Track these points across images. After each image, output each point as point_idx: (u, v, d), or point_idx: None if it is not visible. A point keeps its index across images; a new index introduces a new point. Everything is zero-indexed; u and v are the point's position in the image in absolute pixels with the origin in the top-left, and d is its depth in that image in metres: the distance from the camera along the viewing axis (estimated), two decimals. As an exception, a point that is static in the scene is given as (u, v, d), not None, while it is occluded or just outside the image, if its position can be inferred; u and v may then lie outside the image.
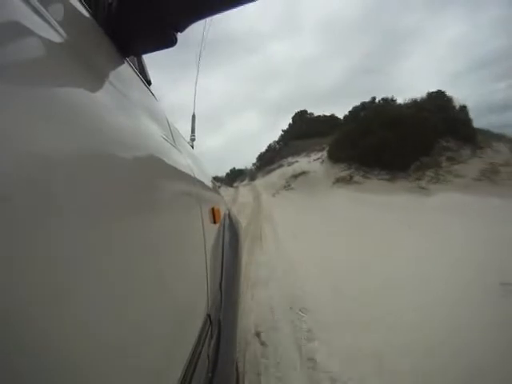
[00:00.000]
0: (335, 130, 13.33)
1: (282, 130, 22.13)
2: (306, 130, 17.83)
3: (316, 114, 21.46)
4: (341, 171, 9.89)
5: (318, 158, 12.08)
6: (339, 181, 9.26)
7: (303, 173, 10.93)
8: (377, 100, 13.76)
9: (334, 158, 10.89)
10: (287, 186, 10.54)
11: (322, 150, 12.70)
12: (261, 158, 21.57)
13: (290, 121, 22.49)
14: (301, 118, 21.59)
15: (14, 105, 0.16)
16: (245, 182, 18.03)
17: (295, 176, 11.01)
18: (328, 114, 20.26)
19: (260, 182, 14.19)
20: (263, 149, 22.88)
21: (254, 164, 22.18)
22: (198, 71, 1.57)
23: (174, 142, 0.62)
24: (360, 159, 9.63)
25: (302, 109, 22.69)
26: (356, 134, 10.23)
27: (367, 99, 14.26)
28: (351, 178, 9.25)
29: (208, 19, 0.43)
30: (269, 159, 17.82)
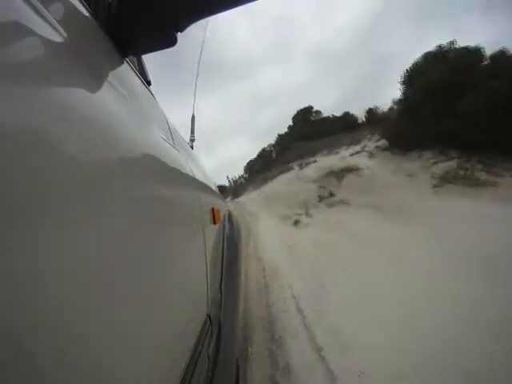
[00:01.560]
0: (353, 129, 9.97)
1: (279, 134, 17.18)
2: (311, 131, 14.06)
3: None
4: (431, 164, 5.15)
5: (360, 151, 7.72)
6: (449, 180, 4.62)
7: (351, 170, 6.05)
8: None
9: (403, 142, 5.95)
10: (326, 198, 5.26)
11: (357, 142, 8.57)
12: (251, 166, 16.64)
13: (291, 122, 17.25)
14: (305, 117, 16.86)
15: (14, 104, 0.16)
16: (226, 200, 9.61)
17: (335, 175, 6.06)
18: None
19: (253, 195, 8.57)
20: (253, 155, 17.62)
21: (241, 176, 16.58)
22: (197, 72, 1.57)
23: (174, 142, 0.62)
24: (465, 140, 4.84)
25: (305, 106, 17.29)
26: (444, 93, 5.14)
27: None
28: (466, 173, 4.61)
29: (205, 20, 0.42)
30: (264, 166, 13.86)
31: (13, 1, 0.21)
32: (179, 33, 0.41)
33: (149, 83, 0.80)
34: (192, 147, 1.46)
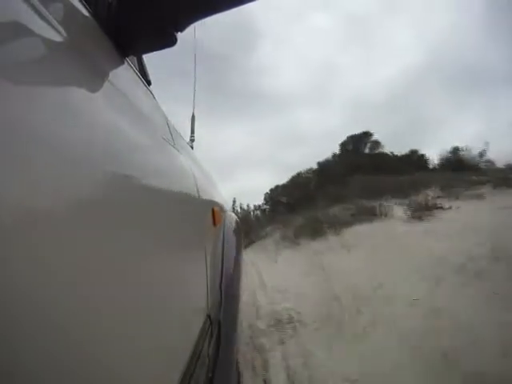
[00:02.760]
0: (425, 170, 7.91)
1: (318, 163, 11.73)
2: (368, 164, 9.84)
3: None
4: None
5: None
6: None
7: None
8: None
9: None
10: None
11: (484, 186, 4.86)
12: (275, 195, 10.50)
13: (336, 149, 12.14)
14: (356, 145, 12.43)
15: (13, 104, 0.16)
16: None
17: None
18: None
19: (284, 264, 3.48)
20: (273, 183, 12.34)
21: (258, 207, 9.59)
22: (195, 71, 1.57)
23: (174, 142, 0.62)
24: None
25: (363, 131, 12.34)
26: None
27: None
28: None
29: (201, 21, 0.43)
30: (302, 197, 8.67)
31: (13, 1, 0.21)
32: (179, 33, 0.41)
33: (149, 83, 0.80)
34: (192, 147, 1.46)
